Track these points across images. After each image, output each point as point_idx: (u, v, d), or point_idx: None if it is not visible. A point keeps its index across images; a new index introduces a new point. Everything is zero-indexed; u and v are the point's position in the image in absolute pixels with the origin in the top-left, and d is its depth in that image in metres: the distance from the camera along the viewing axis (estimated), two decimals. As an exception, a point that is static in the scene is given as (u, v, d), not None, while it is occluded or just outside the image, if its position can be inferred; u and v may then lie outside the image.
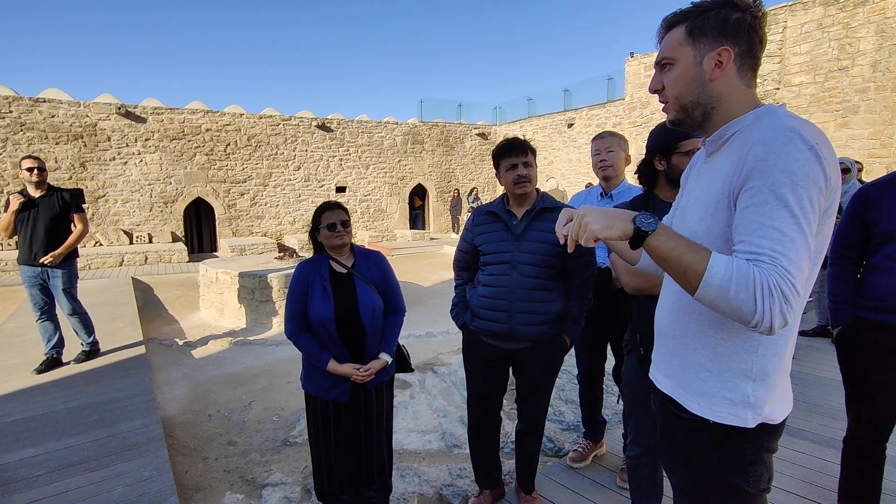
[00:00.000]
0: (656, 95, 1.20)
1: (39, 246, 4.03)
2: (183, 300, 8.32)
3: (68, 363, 4.28)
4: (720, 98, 1.09)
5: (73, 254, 4.23)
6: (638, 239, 1.00)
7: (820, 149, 0.93)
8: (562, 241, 1.09)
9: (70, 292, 4.25)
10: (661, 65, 1.15)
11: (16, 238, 4.09)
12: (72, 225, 4.21)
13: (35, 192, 4.04)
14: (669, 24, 1.13)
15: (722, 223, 1.05)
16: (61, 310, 4.24)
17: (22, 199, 3.95)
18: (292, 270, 4.61)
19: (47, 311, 4.21)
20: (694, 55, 1.09)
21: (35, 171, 3.99)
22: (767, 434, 1.11)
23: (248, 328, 6.58)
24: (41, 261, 4.02)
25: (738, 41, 1.05)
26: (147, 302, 8.05)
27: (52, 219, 4.06)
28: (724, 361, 1.09)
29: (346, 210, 2.30)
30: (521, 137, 2.22)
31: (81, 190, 4.36)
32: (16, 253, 10.54)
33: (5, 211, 3.95)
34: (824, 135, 0.98)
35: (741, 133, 1.06)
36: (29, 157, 4.04)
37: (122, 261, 10.93)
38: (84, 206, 4.32)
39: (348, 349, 2.20)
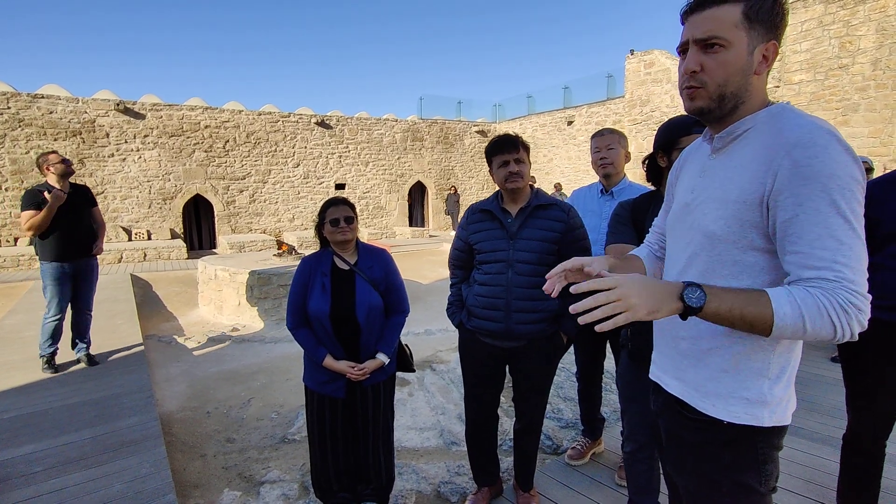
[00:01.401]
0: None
1: (82, 241, 4.07)
2: (182, 297, 8.32)
3: (68, 362, 4.26)
4: (751, 93, 1.04)
5: None
6: (688, 313, 0.94)
7: (851, 148, 0.93)
8: (581, 307, 0.95)
9: (95, 284, 4.33)
10: (706, 43, 1.02)
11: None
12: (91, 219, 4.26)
13: (62, 187, 3.96)
14: None
15: (747, 224, 1.02)
16: (81, 306, 4.21)
17: (65, 197, 3.85)
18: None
19: (65, 310, 4.13)
20: (748, 42, 1.00)
21: (71, 165, 3.99)
22: (777, 432, 1.11)
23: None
24: (96, 251, 4.20)
25: (780, 37, 1.02)
26: (146, 299, 8.05)
27: (86, 213, 4.13)
28: (742, 361, 1.07)
29: (352, 206, 2.28)
30: (513, 134, 2.21)
31: (87, 187, 4.35)
32: (15, 249, 10.48)
33: (29, 209, 3.78)
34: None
35: (754, 131, 1.03)
36: (55, 152, 3.99)
37: (121, 257, 10.91)
38: None
39: (344, 346, 2.20)
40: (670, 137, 1.84)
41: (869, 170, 4.42)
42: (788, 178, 0.94)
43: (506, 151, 2.12)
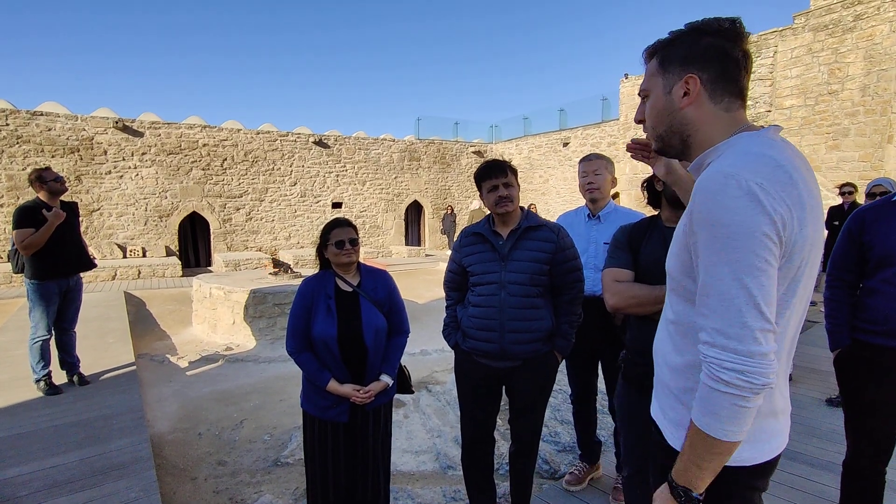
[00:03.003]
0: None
1: (75, 258, 4.04)
2: (175, 315, 8.24)
3: (62, 384, 4.18)
4: (694, 125, 1.07)
5: None
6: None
7: (764, 189, 0.88)
8: None
9: (80, 302, 4.28)
10: (642, 96, 1.17)
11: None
12: None
13: (56, 205, 3.92)
14: (649, 55, 1.14)
15: (685, 263, 1.05)
16: (66, 325, 4.16)
17: (64, 215, 3.83)
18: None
19: (51, 329, 4.04)
20: (664, 84, 1.09)
21: (64, 183, 3.98)
22: (750, 473, 1.04)
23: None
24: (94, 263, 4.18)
25: (707, 66, 1.03)
26: (139, 317, 7.97)
27: (76, 231, 4.11)
28: (691, 396, 1.04)
29: (355, 228, 2.28)
30: (501, 159, 2.25)
31: (77, 203, 4.32)
32: (6, 266, 10.37)
33: (25, 226, 3.73)
34: (780, 170, 0.91)
35: (715, 164, 1.02)
36: (47, 169, 3.93)
37: (115, 275, 10.84)
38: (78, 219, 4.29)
39: (349, 369, 2.17)
40: None
41: (885, 193, 4.27)
42: (690, 222, 0.97)
43: (494, 176, 2.17)
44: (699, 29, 1.05)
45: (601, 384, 2.86)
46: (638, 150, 1.58)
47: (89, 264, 4.18)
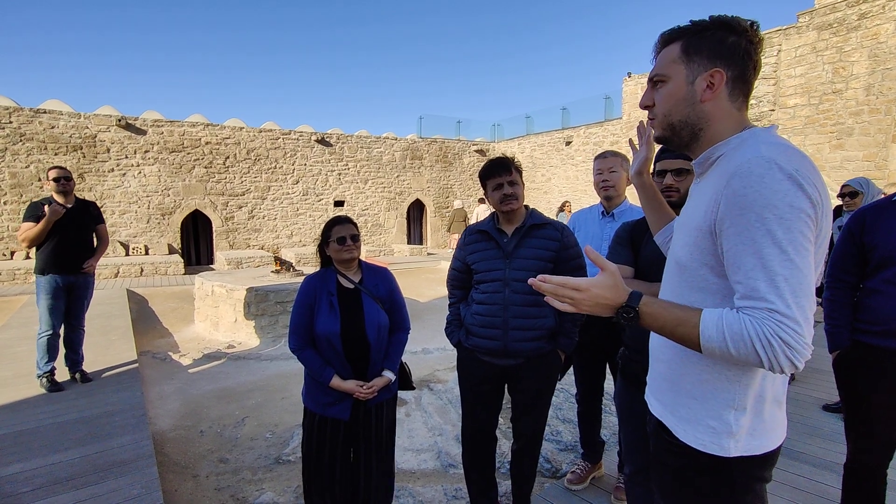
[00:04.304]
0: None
1: (76, 256, 4.06)
2: (178, 313, 8.26)
3: (65, 381, 4.19)
4: (709, 120, 1.07)
5: None
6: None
7: (800, 175, 0.91)
8: (540, 288, 1.09)
9: (88, 301, 4.31)
10: (653, 81, 1.14)
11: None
12: (94, 236, 4.25)
13: (65, 202, 3.98)
14: (666, 40, 1.12)
15: (705, 252, 1.04)
16: (73, 322, 4.18)
17: (62, 212, 3.87)
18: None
19: (58, 326, 4.08)
20: (687, 74, 1.07)
21: (69, 181, 4.01)
22: (758, 464, 1.06)
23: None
24: (86, 268, 4.12)
25: (732, 64, 1.04)
26: (141, 314, 7.99)
27: (86, 229, 4.13)
28: (708, 389, 1.06)
29: (355, 225, 2.30)
30: (505, 156, 2.26)
31: (94, 204, 4.34)
32: (11, 263, 10.41)
33: (29, 220, 3.81)
34: (806, 159, 0.95)
35: (725, 157, 1.04)
36: (57, 167, 4.01)
37: (118, 272, 10.87)
38: None
39: (352, 365, 2.18)
40: (655, 161, 1.89)
41: (854, 194, 4.25)
42: (728, 208, 0.95)
43: (499, 174, 2.17)
44: (727, 25, 1.04)
45: (608, 384, 2.85)
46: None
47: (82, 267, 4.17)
